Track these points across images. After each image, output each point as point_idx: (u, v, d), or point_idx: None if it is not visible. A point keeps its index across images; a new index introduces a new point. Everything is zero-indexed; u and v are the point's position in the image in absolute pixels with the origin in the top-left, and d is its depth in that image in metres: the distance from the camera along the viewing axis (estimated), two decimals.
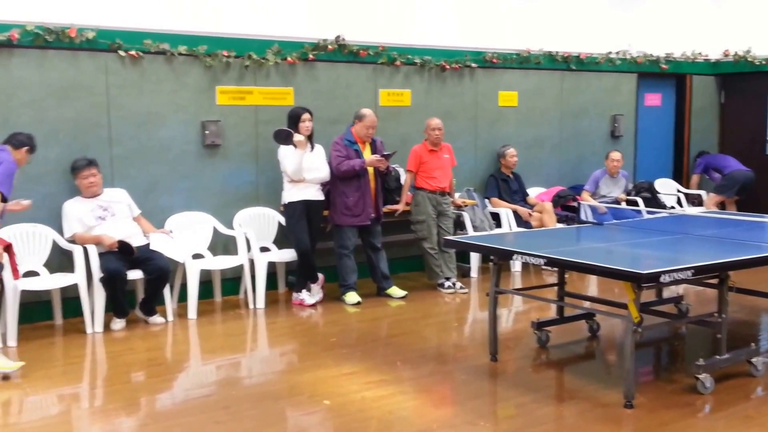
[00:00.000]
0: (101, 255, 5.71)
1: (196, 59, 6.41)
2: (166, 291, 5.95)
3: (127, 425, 4.09)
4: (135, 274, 5.78)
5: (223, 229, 6.54)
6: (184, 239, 6.20)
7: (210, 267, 6.38)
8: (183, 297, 6.16)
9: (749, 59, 9.46)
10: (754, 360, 4.56)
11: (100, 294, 5.65)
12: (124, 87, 6.15)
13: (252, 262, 6.45)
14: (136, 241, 5.84)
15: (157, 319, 5.88)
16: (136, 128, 6.24)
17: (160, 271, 5.75)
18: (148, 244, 5.88)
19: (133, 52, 6.11)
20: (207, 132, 6.47)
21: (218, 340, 5.67)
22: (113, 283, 5.62)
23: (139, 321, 5.91)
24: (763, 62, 9.32)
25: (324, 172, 6.41)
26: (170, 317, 5.98)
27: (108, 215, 5.89)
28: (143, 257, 5.78)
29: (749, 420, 3.97)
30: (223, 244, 6.62)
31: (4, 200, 4.73)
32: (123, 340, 5.56)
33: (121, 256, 5.70)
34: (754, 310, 6.08)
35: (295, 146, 6.13)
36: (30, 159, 5.37)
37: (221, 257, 6.50)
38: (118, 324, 5.75)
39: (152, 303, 5.86)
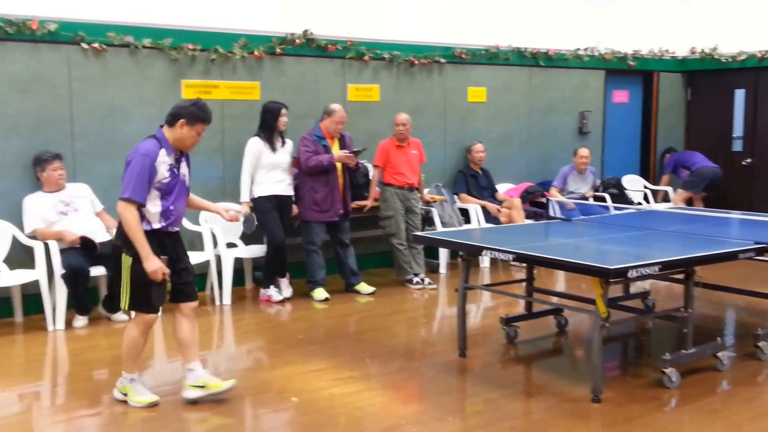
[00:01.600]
0: (63, 251, 5.60)
1: (161, 52, 6.30)
2: None
3: (89, 424, 4.01)
4: (97, 271, 5.68)
5: (189, 225, 6.43)
6: None
7: None
8: None
9: (716, 57, 9.59)
10: (719, 354, 4.61)
11: (61, 291, 5.53)
12: (87, 80, 6.02)
13: (218, 258, 6.37)
14: (98, 237, 5.74)
15: (120, 316, 5.78)
16: (100, 122, 6.11)
17: None
18: (110, 240, 5.75)
19: (96, 45, 5.98)
20: None
21: None
22: (75, 279, 5.50)
23: (101, 318, 5.81)
24: (729, 59, 9.45)
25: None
26: (134, 314, 5.84)
27: (70, 210, 5.77)
28: (106, 253, 5.65)
29: (715, 413, 4.01)
30: (188, 240, 6.48)
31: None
32: (85, 337, 5.45)
33: (83, 252, 5.59)
34: (719, 305, 6.17)
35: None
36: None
37: (188, 253, 6.35)
38: (81, 321, 5.64)
39: (115, 300, 5.73)
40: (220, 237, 6.39)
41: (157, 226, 3.95)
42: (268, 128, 6.28)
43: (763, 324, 5.33)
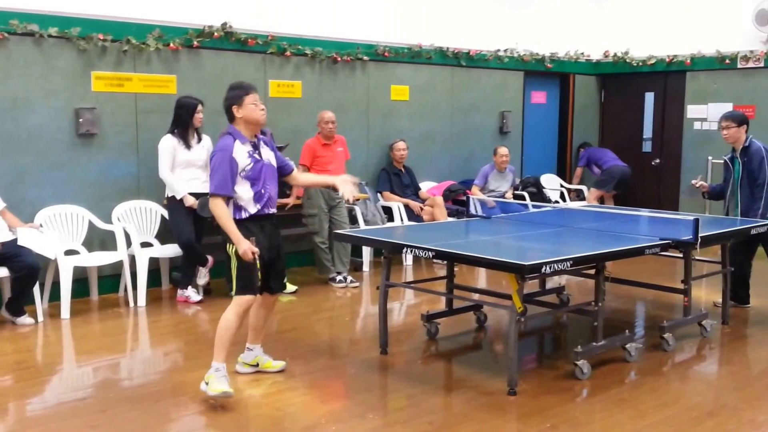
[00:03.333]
0: None
1: (69, 42, 6.03)
2: (36, 290, 5.59)
3: None
4: (0, 272, 5.41)
5: (101, 224, 6.20)
6: (56, 234, 5.83)
7: (85, 264, 6.05)
8: (56, 296, 5.79)
9: (627, 60, 9.95)
10: (628, 346, 4.77)
11: None
12: None
13: (132, 258, 6.16)
14: (0, 236, 5.44)
15: (25, 319, 5.51)
16: (2, 115, 5.82)
17: (29, 269, 5.40)
18: (14, 240, 5.49)
19: None
20: (81, 120, 6.11)
21: (94, 341, 5.36)
22: None
23: (5, 322, 5.52)
24: (640, 63, 9.83)
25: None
26: (41, 317, 5.61)
27: None
28: (9, 254, 5.40)
29: (623, 403, 4.15)
30: (100, 240, 6.28)
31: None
32: None
33: None
34: (629, 299, 6.39)
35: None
36: None
37: (98, 253, 6.17)
38: None
39: (20, 302, 5.48)
40: (134, 236, 6.17)
41: (253, 210, 4.16)
42: (183, 124, 6.11)
43: (669, 316, 5.56)
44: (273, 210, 4.28)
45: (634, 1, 9.91)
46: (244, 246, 4.05)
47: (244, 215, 4.14)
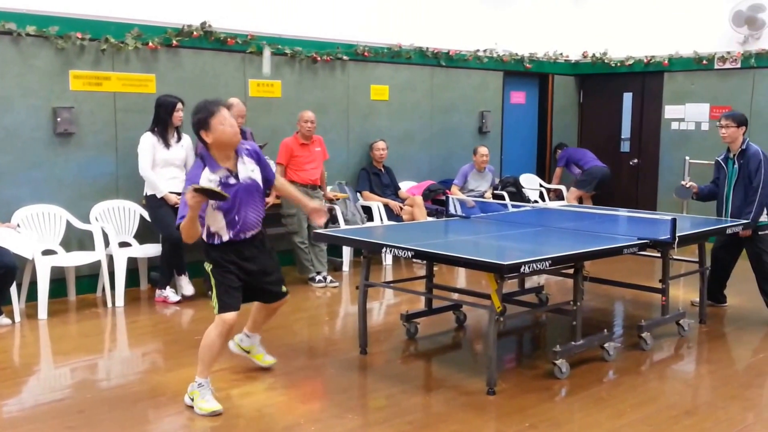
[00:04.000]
0: None
1: (47, 41, 5.98)
2: (13, 290, 5.52)
3: None
4: None
5: (78, 224, 6.15)
6: (33, 234, 5.77)
7: (63, 264, 5.99)
8: (33, 296, 5.74)
9: (606, 61, 10.05)
10: (606, 345, 4.81)
11: None
12: None
13: (111, 258, 6.11)
14: None
15: (2, 320, 5.45)
16: None
17: (5, 268, 5.33)
18: None
19: None
20: (59, 119, 6.06)
21: (72, 341, 5.31)
22: None
23: None
24: (618, 64, 9.92)
25: None
26: (18, 318, 5.55)
27: None
28: None
29: (601, 402, 4.19)
30: (78, 239, 6.22)
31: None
32: None
33: None
34: (607, 298, 6.45)
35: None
36: None
37: (76, 253, 6.12)
38: None
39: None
40: (112, 236, 6.12)
41: (226, 237, 3.97)
42: (162, 123, 6.08)
43: (647, 316, 5.62)
44: (251, 233, 4.03)
45: (613, 2, 10.01)
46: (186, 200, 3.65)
47: (216, 241, 3.97)
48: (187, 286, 6.28)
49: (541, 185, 10.01)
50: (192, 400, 4.02)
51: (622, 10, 9.89)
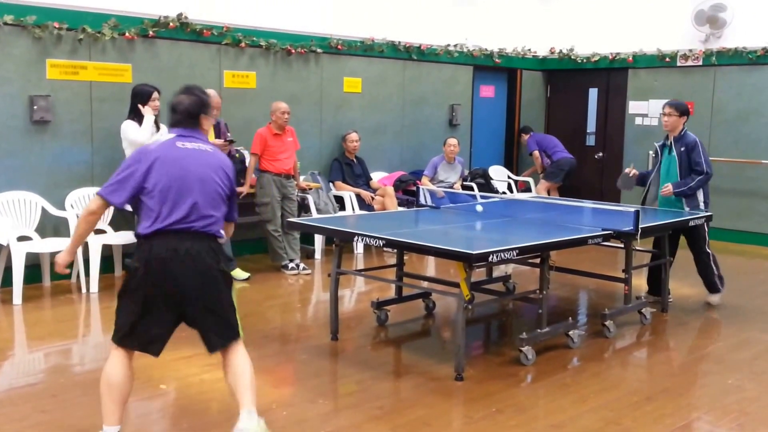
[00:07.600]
0: None
1: (24, 30, 5.97)
2: None
3: None
4: None
5: (54, 210, 6.17)
6: (8, 220, 5.79)
7: (38, 250, 6.02)
8: (8, 282, 5.76)
9: (572, 57, 10.26)
10: (571, 333, 4.96)
11: None
12: None
13: (85, 245, 6.14)
14: None
15: None
16: None
17: None
18: None
19: None
20: (35, 107, 6.07)
21: (46, 327, 5.36)
22: None
23: None
24: (585, 60, 10.14)
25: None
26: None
27: None
28: None
29: (566, 388, 4.32)
30: (53, 226, 6.25)
31: None
32: None
33: None
34: (572, 287, 6.63)
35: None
36: None
37: (51, 239, 6.14)
38: None
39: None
40: None
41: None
42: (138, 112, 6.12)
43: (610, 304, 5.79)
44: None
45: (579, 0, 10.22)
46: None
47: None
48: None
49: (509, 177, 10.20)
50: None
51: (588, 8, 10.11)
